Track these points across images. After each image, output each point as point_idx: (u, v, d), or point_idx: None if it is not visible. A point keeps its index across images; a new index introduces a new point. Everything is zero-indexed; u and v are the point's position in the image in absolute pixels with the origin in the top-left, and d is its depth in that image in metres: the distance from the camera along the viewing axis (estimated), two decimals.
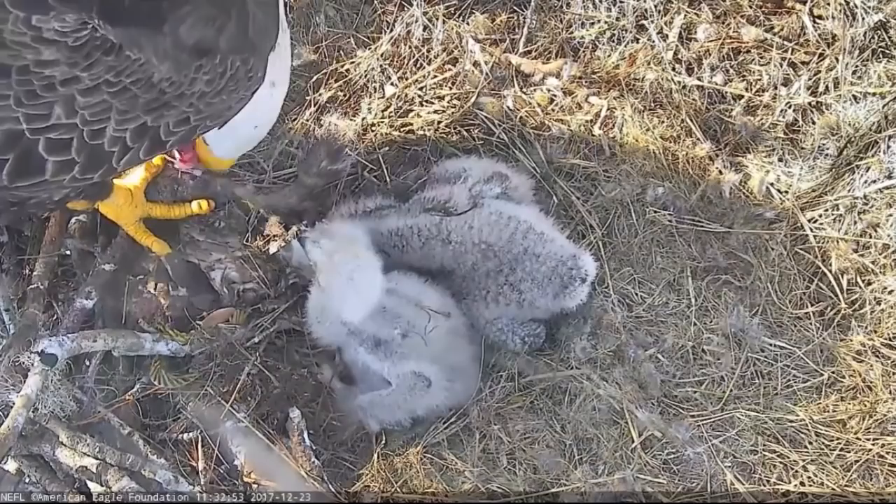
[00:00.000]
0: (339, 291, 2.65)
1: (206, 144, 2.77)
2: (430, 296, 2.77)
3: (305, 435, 2.66)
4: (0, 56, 2.06)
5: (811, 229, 2.96)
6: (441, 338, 2.72)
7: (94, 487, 2.59)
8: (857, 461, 2.59)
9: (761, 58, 3.21)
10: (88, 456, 2.61)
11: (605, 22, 3.27)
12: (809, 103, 3.13)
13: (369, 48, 3.30)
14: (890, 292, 2.84)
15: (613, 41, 3.27)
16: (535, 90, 3.23)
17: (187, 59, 2.20)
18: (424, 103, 3.20)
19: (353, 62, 3.29)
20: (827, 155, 3.07)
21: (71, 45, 2.07)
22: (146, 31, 2.15)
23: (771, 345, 2.82)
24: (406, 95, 3.22)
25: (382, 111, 3.20)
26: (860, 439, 2.63)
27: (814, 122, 3.11)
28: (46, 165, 2.19)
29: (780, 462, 2.61)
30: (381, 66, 3.26)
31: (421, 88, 3.23)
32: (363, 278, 2.66)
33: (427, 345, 2.69)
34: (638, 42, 3.24)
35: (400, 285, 2.76)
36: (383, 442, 2.70)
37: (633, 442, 2.65)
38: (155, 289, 2.83)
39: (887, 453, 2.60)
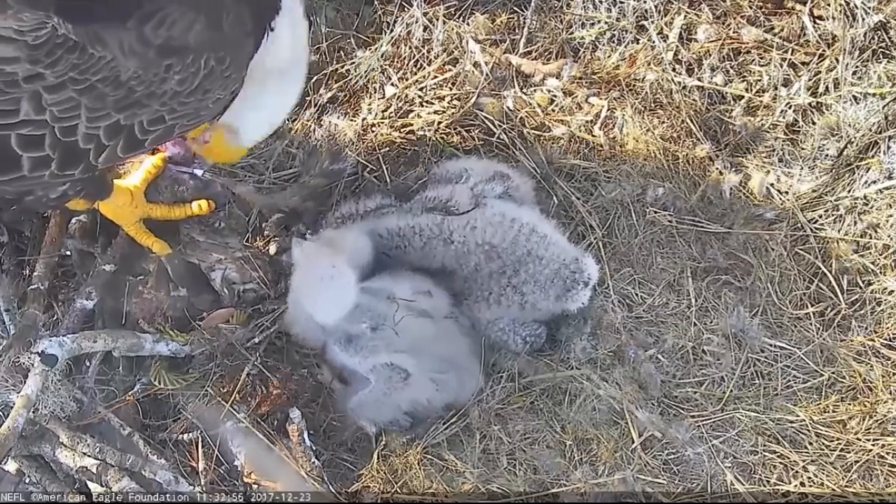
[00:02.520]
0: (311, 292, 2.66)
1: (232, 132, 2.70)
2: (403, 286, 2.75)
3: (305, 435, 2.67)
4: None
5: (811, 230, 2.96)
6: (419, 327, 2.70)
7: (94, 488, 2.59)
8: (857, 462, 2.60)
9: (761, 58, 3.21)
10: (88, 456, 2.61)
11: (606, 22, 3.27)
12: (809, 104, 3.13)
13: (369, 49, 3.30)
14: (890, 293, 2.85)
15: (613, 42, 3.27)
16: (535, 91, 3.23)
17: (155, 58, 2.15)
18: (424, 104, 3.20)
19: (353, 63, 3.30)
20: (827, 155, 3.07)
21: (31, 44, 2.04)
22: (109, 28, 2.11)
23: (771, 345, 2.82)
24: (406, 96, 3.22)
25: (382, 111, 3.20)
26: (860, 440, 2.63)
27: (814, 123, 3.12)
28: (22, 161, 2.16)
29: (781, 462, 2.61)
30: (381, 66, 3.26)
31: (421, 89, 3.23)
32: (336, 284, 2.65)
33: (399, 335, 2.67)
34: (638, 42, 3.24)
35: (374, 282, 2.75)
36: (383, 442, 2.70)
37: (633, 442, 2.65)
38: (155, 289, 2.83)
39: (887, 454, 2.60)
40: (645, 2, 3.26)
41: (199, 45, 2.20)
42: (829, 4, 3.18)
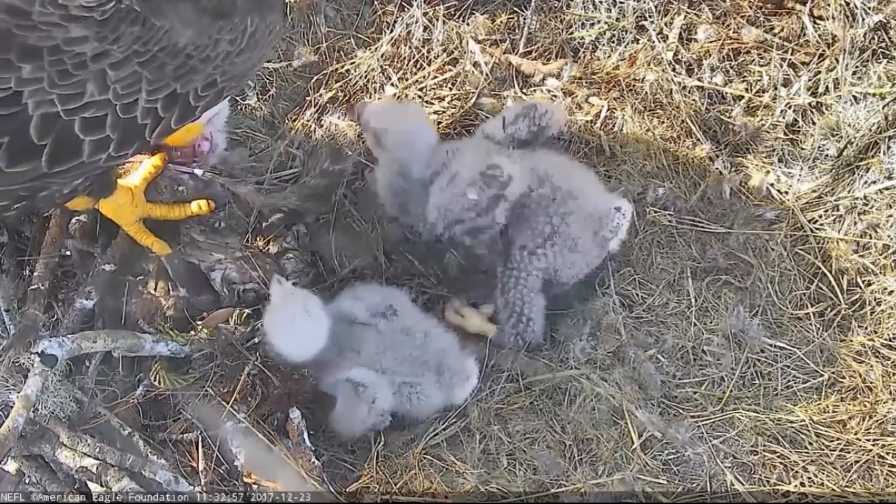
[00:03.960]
0: (282, 332, 2.68)
1: None
2: (363, 306, 2.78)
3: (305, 435, 2.66)
4: (31, 38, 2.07)
5: (811, 230, 2.96)
6: (381, 340, 2.73)
7: (94, 488, 2.59)
8: (857, 462, 2.59)
9: (761, 58, 3.21)
10: (89, 456, 2.60)
11: (606, 23, 3.27)
12: (809, 104, 3.13)
13: (369, 49, 3.31)
14: (890, 293, 2.85)
15: (613, 42, 3.27)
16: (535, 91, 3.23)
17: (209, 22, 2.23)
18: (424, 104, 3.21)
19: (353, 63, 3.30)
20: (827, 155, 3.07)
21: (98, 20, 2.09)
22: None
23: (771, 345, 2.82)
24: (406, 96, 3.23)
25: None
26: (860, 440, 2.62)
27: (814, 123, 3.12)
28: (83, 147, 2.19)
29: (781, 463, 2.61)
30: (381, 66, 3.26)
31: (421, 89, 3.23)
32: (307, 329, 2.67)
33: (360, 353, 2.71)
34: (638, 43, 3.24)
35: (335, 305, 2.79)
36: (382, 443, 2.70)
37: (633, 442, 2.65)
38: (155, 289, 2.84)
39: (887, 454, 2.59)
40: (645, 2, 3.26)
41: (246, 7, 2.29)
42: (829, 4, 3.18)
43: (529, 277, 2.83)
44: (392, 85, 3.24)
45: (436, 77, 3.24)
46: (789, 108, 3.14)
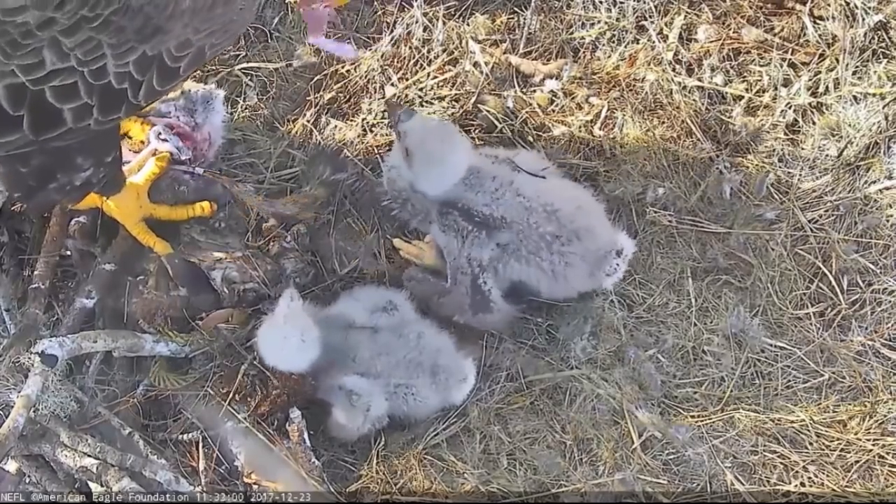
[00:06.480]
0: (273, 348, 2.67)
1: None
2: (360, 308, 2.79)
3: (305, 435, 2.66)
4: None
5: (811, 230, 2.96)
6: (375, 344, 2.73)
7: (94, 488, 2.59)
8: (857, 462, 2.59)
9: (761, 58, 3.21)
10: (89, 456, 2.60)
11: (606, 23, 3.28)
12: (810, 104, 3.13)
13: (370, 49, 3.31)
14: (890, 293, 2.85)
15: (613, 42, 3.27)
16: (535, 91, 3.23)
17: None
18: (424, 104, 3.21)
19: (353, 63, 3.30)
20: (827, 155, 3.07)
21: None
22: None
23: (771, 345, 2.82)
24: (406, 96, 3.22)
25: (382, 112, 3.20)
26: (860, 440, 2.62)
27: (814, 123, 3.12)
28: (63, 115, 2.11)
29: (781, 463, 2.61)
30: (381, 66, 3.26)
31: (421, 89, 3.23)
32: (298, 354, 2.67)
33: (355, 360, 2.71)
34: (638, 43, 3.24)
35: (331, 310, 2.79)
36: (382, 443, 2.70)
37: (633, 442, 2.65)
38: (156, 288, 2.84)
39: (888, 454, 2.60)
40: (645, 2, 3.26)
41: None
42: (829, 4, 3.18)
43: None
44: (392, 85, 3.24)
45: (436, 77, 3.24)
46: (789, 108, 3.13)
